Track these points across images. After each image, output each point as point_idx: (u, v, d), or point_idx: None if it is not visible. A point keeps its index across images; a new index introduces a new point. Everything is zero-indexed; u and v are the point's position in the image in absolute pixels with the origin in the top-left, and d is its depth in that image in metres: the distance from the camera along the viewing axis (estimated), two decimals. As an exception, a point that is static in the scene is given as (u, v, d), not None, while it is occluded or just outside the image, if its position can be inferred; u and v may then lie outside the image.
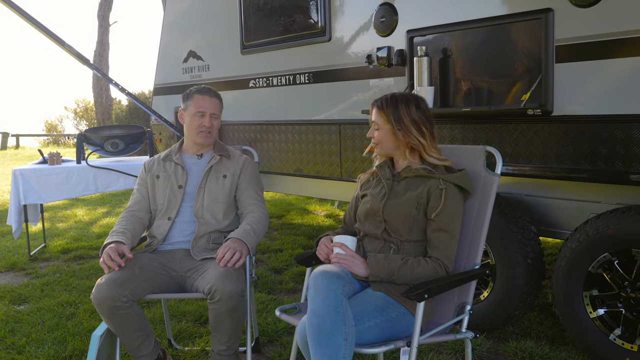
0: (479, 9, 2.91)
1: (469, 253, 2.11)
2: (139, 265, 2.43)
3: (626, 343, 2.52)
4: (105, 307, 2.27)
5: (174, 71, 5.22)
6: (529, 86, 2.71)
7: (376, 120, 2.18)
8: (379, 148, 2.21)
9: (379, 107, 2.17)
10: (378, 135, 2.18)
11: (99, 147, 4.99)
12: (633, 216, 2.46)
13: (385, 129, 2.16)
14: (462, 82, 3.02)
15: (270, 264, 4.44)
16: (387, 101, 2.16)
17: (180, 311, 3.43)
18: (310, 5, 3.91)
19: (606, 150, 2.52)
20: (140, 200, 2.71)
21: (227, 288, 2.24)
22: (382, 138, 2.17)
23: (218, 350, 2.40)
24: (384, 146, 2.19)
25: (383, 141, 2.18)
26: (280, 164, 4.24)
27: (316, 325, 1.77)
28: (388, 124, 2.14)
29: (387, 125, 2.14)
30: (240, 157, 2.76)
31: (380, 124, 2.17)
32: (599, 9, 2.49)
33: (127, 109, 15.84)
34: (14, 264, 4.64)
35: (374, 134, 2.20)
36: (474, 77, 2.98)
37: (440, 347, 2.87)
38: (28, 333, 3.16)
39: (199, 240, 2.57)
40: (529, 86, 2.70)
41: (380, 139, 2.18)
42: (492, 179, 2.13)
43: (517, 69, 2.79)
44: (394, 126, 2.12)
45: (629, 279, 2.53)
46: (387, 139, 2.16)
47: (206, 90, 2.70)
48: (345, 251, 2.06)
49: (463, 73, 3.01)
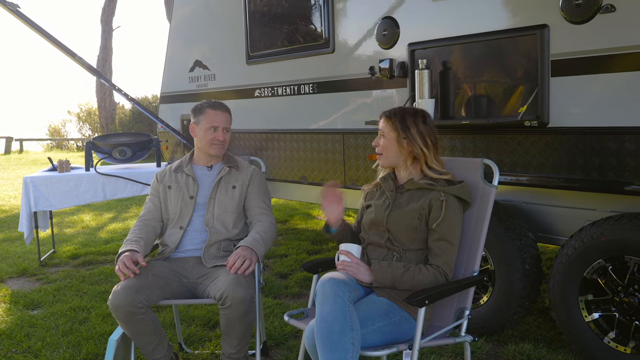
0: (477, 24, 3.02)
1: (467, 260, 2.22)
2: (152, 273, 2.55)
3: (620, 346, 2.62)
4: (122, 312, 2.38)
5: (180, 80, 5.33)
6: (525, 99, 2.82)
7: (383, 129, 2.28)
8: (383, 158, 2.31)
9: (387, 116, 2.28)
10: (383, 143, 2.28)
11: (107, 154, 5.12)
12: (626, 224, 2.56)
13: (390, 137, 2.26)
14: (462, 94, 3.13)
15: (275, 269, 4.55)
16: (395, 112, 2.28)
17: (190, 316, 3.54)
18: (314, 17, 4.03)
19: (599, 160, 2.63)
20: (153, 209, 2.82)
21: (238, 294, 2.35)
22: (387, 146, 2.27)
23: (229, 353, 2.51)
24: (387, 155, 2.29)
25: (387, 149, 2.27)
26: (285, 171, 4.35)
27: (325, 331, 1.88)
28: (394, 132, 2.24)
29: (393, 133, 2.25)
30: (249, 168, 2.87)
31: (386, 132, 2.27)
32: (592, 26, 2.60)
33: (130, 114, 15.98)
34: (25, 269, 4.75)
35: (380, 141, 2.30)
36: (473, 90, 3.09)
37: (441, 349, 2.97)
38: (43, 337, 3.27)
39: (210, 248, 2.68)
40: (526, 99, 2.81)
41: (385, 147, 2.28)
42: (490, 190, 2.24)
43: (515, 82, 2.90)
44: (399, 134, 2.23)
45: (622, 284, 2.64)
46: (392, 147, 2.26)
47: (218, 105, 2.81)
48: (351, 259, 2.18)
49: (462, 86, 3.12)
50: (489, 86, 3.02)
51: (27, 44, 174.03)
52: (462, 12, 3.10)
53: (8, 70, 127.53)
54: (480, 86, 3.05)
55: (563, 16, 2.68)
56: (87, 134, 20.90)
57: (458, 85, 3.14)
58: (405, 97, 3.37)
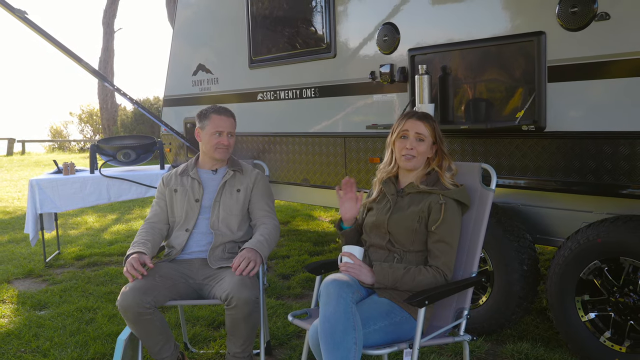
0: (476, 30, 3.09)
1: (466, 262, 2.29)
2: (159, 274, 2.61)
3: (615, 345, 2.69)
4: (131, 313, 2.45)
5: (183, 83, 5.41)
6: (523, 104, 2.88)
7: (423, 132, 2.29)
8: (415, 161, 2.30)
9: (426, 120, 2.31)
10: (421, 147, 2.29)
11: (111, 157, 5.18)
12: (621, 226, 2.63)
13: (429, 142, 2.30)
14: (461, 99, 3.20)
15: (278, 270, 4.62)
16: (428, 116, 2.33)
17: (194, 316, 3.60)
18: (316, 23, 4.10)
19: (595, 164, 2.69)
20: (159, 212, 2.89)
21: (243, 295, 2.42)
22: (424, 150, 2.29)
23: (234, 352, 2.58)
24: (420, 159, 2.30)
25: (424, 153, 2.30)
26: (288, 174, 4.42)
27: (328, 330, 1.95)
28: (433, 136, 2.31)
29: (432, 138, 2.31)
30: (253, 172, 2.94)
31: (425, 135, 2.29)
32: (587, 33, 2.66)
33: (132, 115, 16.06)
34: (31, 270, 4.82)
35: (417, 145, 2.28)
36: (471, 95, 3.15)
37: (441, 349, 3.04)
38: (51, 337, 3.34)
39: (215, 250, 2.75)
40: (524, 104, 2.88)
41: (423, 151, 2.29)
42: (488, 194, 2.31)
43: (512, 87, 2.96)
44: (437, 138, 2.31)
45: (617, 285, 2.70)
46: (427, 152, 2.31)
47: (223, 111, 2.88)
48: (353, 260, 2.25)
49: (461, 91, 3.19)
50: (487, 91, 3.09)
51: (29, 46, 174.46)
52: (461, 18, 3.17)
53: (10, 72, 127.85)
54: (478, 91, 3.12)
55: (559, 23, 2.75)
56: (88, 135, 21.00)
57: (457, 90, 3.21)
58: (405, 102, 3.44)
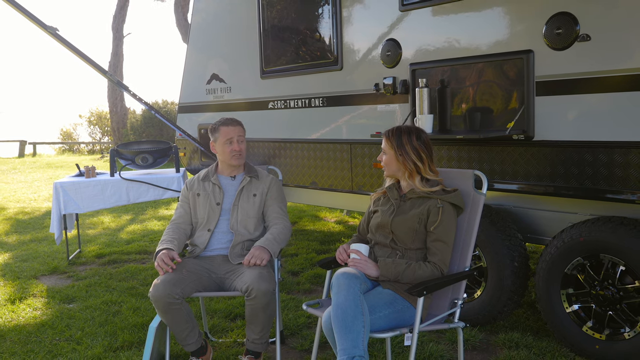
0: (471, 48, 3.39)
1: (460, 258, 2.59)
2: (186, 269, 2.92)
3: (596, 333, 2.98)
4: (162, 303, 2.75)
5: (197, 91, 5.72)
6: (513, 115, 3.18)
7: (384, 147, 2.68)
8: (387, 169, 2.71)
9: (387, 136, 2.67)
10: (385, 159, 2.68)
11: (130, 161, 5.50)
12: (601, 226, 2.92)
13: (390, 154, 2.65)
14: (457, 110, 3.50)
15: (287, 267, 4.92)
16: (393, 132, 2.66)
17: (212, 309, 3.91)
18: (324, 37, 4.40)
19: (578, 170, 2.99)
20: (183, 214, 3.20)
21: (262, 287, 2.72)
22: (388, 161, 2.67)
23: (252, 339, 2.88)
24: (389, 168, 2.69)
25: (388, 164, 2.67)
26: (297, 177, 4.73)
27: (340, 316, 2.25)
28: (392, 150, 2.63)
29: (391, 151, 2.64)
30: (267, 177, 3.24)
31: (386, 149, 2.66)
32: (571, 52, 2.96)
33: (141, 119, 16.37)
34: (56, 267, 5.14)
35: (382, 157, 2.70)
36: (467, 106, 3.45)
37: (439, 337, 3.33)
38: (82, 327, 3.64)
39: (235, 247, 3.06)
40: (514, 115, 3.17)
41: (386, 162, 2.68)
42: (479, 197, 2.61)
43: (504, 100, 3.26)
44: (396, 152, 2.62)
45: (598, 279, 2.99)
46: (392, 162, 2.66)
47: (229, 121, 3.19)
48: (360, 256, 2.56)
49: (457, 102, 3.49)
50: (480, 103, 3.38)
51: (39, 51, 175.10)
52: (458, 37, 3.46)
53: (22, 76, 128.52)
54: (473, 103, 3.41)
55: (546, 43, 3.04)
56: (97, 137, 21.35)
57: (454, 102, 3.50)
58: (407, 112, 3.74)
